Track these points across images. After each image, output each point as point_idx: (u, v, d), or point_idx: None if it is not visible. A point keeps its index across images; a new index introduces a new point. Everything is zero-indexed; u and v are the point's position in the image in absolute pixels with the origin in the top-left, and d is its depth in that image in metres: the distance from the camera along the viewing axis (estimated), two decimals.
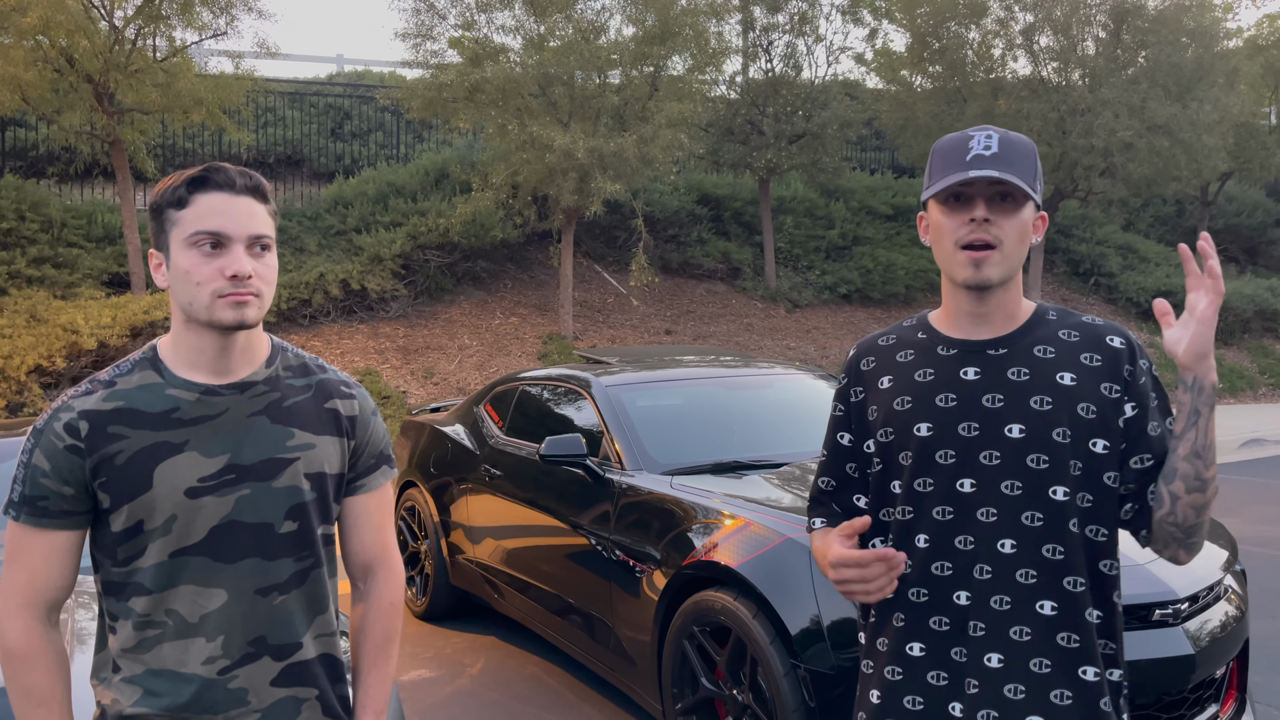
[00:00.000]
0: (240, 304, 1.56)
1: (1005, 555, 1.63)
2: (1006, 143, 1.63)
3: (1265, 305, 16.23)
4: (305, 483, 1.65)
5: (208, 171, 1.58)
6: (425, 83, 11.51)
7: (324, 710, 1.69)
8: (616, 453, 4.33)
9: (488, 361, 11.31)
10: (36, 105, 10.01)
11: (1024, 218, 1.64)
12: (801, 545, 3.28)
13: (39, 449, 1.58)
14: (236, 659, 1.60)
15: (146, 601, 1.59)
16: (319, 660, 1.69)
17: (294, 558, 1.65)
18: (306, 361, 1.74)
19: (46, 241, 10.84)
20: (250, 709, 1.62)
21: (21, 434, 3.90)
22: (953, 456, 1.66)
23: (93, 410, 1.58)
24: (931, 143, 13.98)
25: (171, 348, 1.64)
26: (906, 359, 1.76)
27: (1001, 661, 1.63)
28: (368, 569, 1.79)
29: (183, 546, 1.58)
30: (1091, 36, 13.59)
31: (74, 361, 9.28)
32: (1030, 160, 1.64)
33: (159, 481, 1.56)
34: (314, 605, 1.68)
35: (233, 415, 1.62)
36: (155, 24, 10.08)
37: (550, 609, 4.57)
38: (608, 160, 10.63)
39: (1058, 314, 1.73)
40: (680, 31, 11.36)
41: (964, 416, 1.67)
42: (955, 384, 1.69)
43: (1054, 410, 1.63)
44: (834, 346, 13.22)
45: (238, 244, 1.56)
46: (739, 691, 3.38)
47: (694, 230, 14.39)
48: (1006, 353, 1.68)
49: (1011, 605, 1.63)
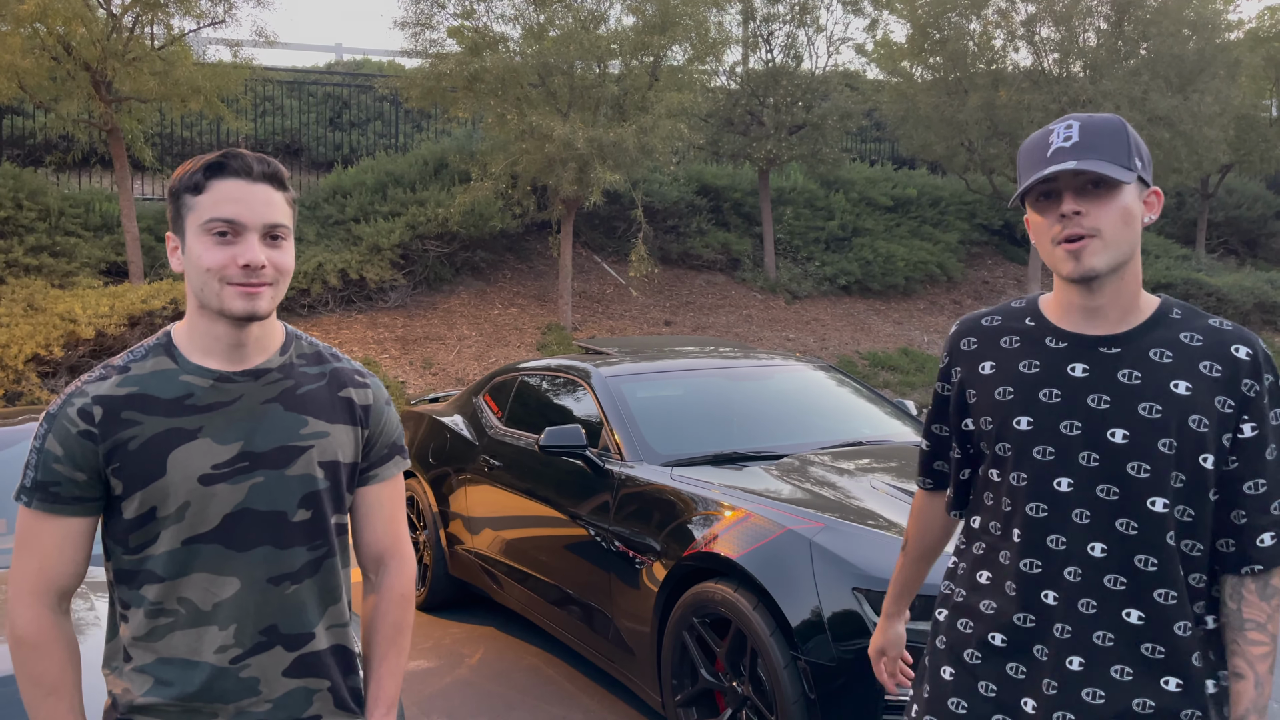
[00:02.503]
0: (252, 295, 1.54)
1: (1095, 559, 1.60)
2: (1089, 128, 1.57)
3: (1265, 298, 16.22)
4: (319, 471, 1.63)
5: (225, 157, 1.57)
6: (424, 72, 11.46)
7: (335, 702, 1.68)
8: (616, 443, 4.32)
9: (487, 352, 11.29)
10: (34, 93, 9.96)
11: (1123, 202, 1.56)
12: (802, 537, 3.27)
13: (52, 434, 1.56)
14: (248, 648, 1.59)
15: (158, 589, 1.57)
16: (331, 651, 1.67)
17: (307, 546, 1.63)
18: (320, 350, 1.73)
19: (44, 230, 10.81)
20: (261, 699, 1.60)
21: (20, 422, 3.89)
22: (1051, 454, 1.62)
23: (106, 396, 1.56)
24: (931, 133, 14.04)
25: (186, 334, 1.62)
26: (1011, 345, 1.70)
27: (1083, 665, 1.60)
28: (380, 560, 1.78)
29: (195, 534, 1.56)
30: (1093, 28, 13.56)
31: (71, 350, 9.26)
32: (1118, 140, 1.57)
33: (172, 468, 1.55)
34: (327, 595, 1.66)
35: (246, 402, 1.60)
36: (153, 12, 10.03)
37: (549, 600, 4.56)
38: (607, 150, 10.60)
39: (1183, 313, 1.64)
40: (680, 21, 11.31)
41: (1067, 415, 1.62)
42: (1061, 380, 1.63)
43: (1162, 419, 1.57)
44: (833, 338, 13.21)
45: (252, 233, 1.54)
46: (739, 683, 3.38)
47: (693, 221, 14.36)
48: (1120, 352, 1.61)
49: (1098, 610, 1.60)
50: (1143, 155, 1.60)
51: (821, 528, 3.30)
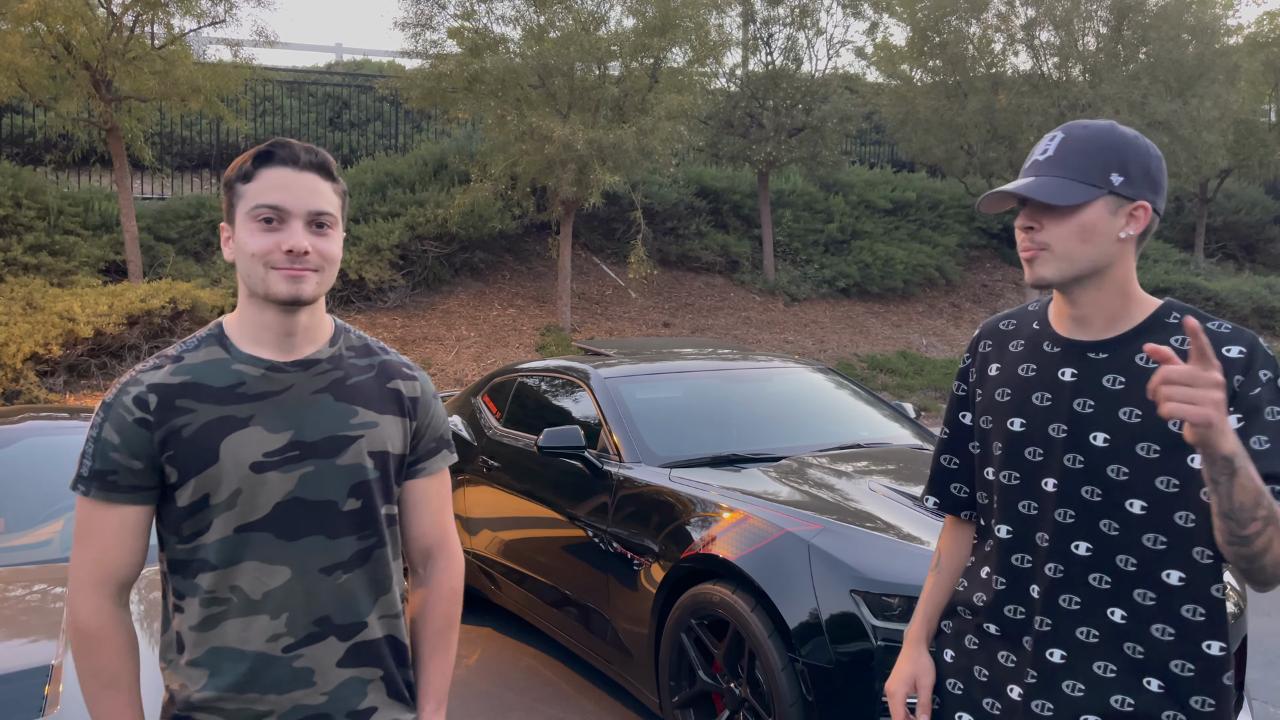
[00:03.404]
0: (296, 278, 1.56)
1: (1080, 557, 1.64)
2: (1068, 143, 1.62)
3: (1263, 303, 16.25)
4: (369, 461, 1.65)
5: (273, 146, 1.60)
6: (424, 73, 11.47)
7: (389, 692, 1.68)
8: (614, 445, 4.32)
9: (485, 353, 11.29)
10: (34, 92, 9.96)
11: (1080, 219, 1.60)
12: (800, 539, 3.27)
13: (108, 422, 1.57)
14: (301, 637, 1.60)
15: (211, 578, 1.58)
16: (385, 641, 1.68)
17: (357, 536, 1.64)
18: (369, 343, 1.75)
19: (43, 229, 10.81)
20: (316, 690, 1.60)
21: (19, 421, 3.89)
22: (1040, 455, 1.68)
23: (161, 384, 1.58)
24: (931, 137, 14.05)
25: (237, 324, 1.64)
26: (1017, 349, 1.77)
27: (1064, 658, 1.65)
28: (428, 554, 1.79)
29: (246, 522, 1.58)
30: (1092, 32, 13.57)
31: (70, 349, 9.25)
32: (1097, 155, 1.60)
33: (225, 455, 1.57)
34: (377, 585, 1.67)
35: (297, 392, 1.62)
36: (153, 11, 10.03)
37: (547, 601, 4.56)
38: (607, 152, 10.61)
39: (1181, 317, 1.64)
40: (680, 23, 11.33)
41: (1055, 418, 1.67)
42: (1052, 384, 1.69)
43: (1142, 424, 1.60)
44: (831, 340, 13.22)
45: (296, 219, 1.57)
46: (736, 685, 3.38)
47: (693, 223, 14.37)
48: (1106, 358, 1.65)
49: (1081, 606, 1.64)
50: (1128, 169, 1.61)
51: (819, 530, 3.30)
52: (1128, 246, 1.62)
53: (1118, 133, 1.62)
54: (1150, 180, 1.62)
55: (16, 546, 3.38)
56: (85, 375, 9.48)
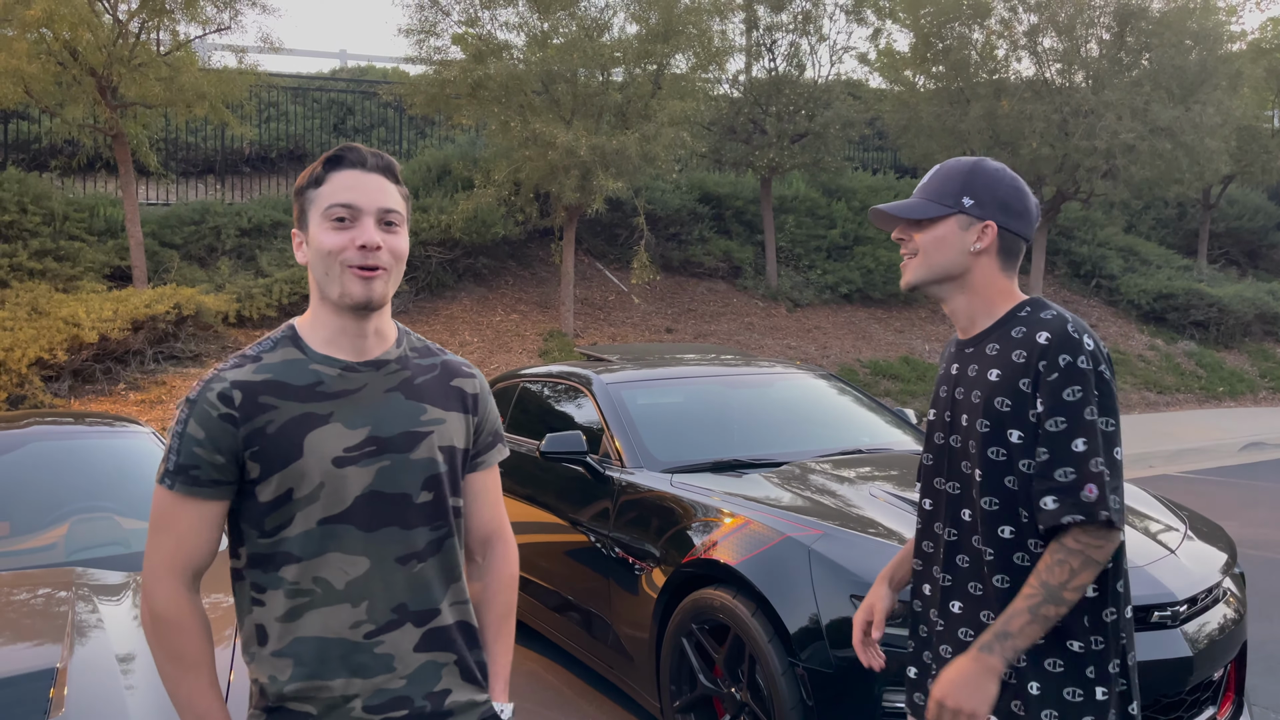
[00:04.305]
0: (368, 279, 1.64)
1: (965, 522, 1.94)
2: (936, 173, 1.97)
3: (1266, 309, 16.23)
4: (439, 455, 1.73)
5: (342, 151, 1.69)
6: (428, 79, 11.51)
7: (462, 674, 1.75)
8: (616, 450, 4.33)
9: (489, 358, 11.31)
10: (39, 98, 10.01)
11: (936, 233, 1.94)
12: (800, 544, 3.28)
13: (193, 418, 1.63)
14: (381, 625, 1.66)
15: (296, 569, 1.64)
16: (456, 626, 1.76)
17: (429, 527, 1.72)
18: (428, 344, 1.84)
19: (48, 234, 10.85)
20: (396, 675, 1.67)
21: (25, 426, 3.91)
22: (941, 438, 2.00)
23: (245, 381, 1.65)
24: (934, 143, 14.06)
25: (310, 326, 1.72)
26: (949, 351, 2.08)
27: (960, 609, 1.95)
28: (487, 542, 1.89)
29: (330, 515, 1.64)
30: (1095, 38, 13.59)
31: (75, 355, 9.29)
32: (952, 181, 1.94)
33: (309, 450, 1.63)
34: (448, 573, 1.75)
35: (370, 390, 1.70)
36: (159, 18, 10.08)
37: (549, 605, 4.58)
38: (610, 158, 10.63)
39: (1030, 312, 1.91)
40: (683, 30, 11.35)
41: (944, 405, 2.01)
42: (946, 376, 2.03)
43: (980, 403, 1.90)
44: (834, 346, 13.22)
45: (368, 216, 1.65)
46: (737, 689, 3.39)
47: (695, 228, 14.39)
48: (971, 351, 1.97)
49: (970, 564, 1.93)
50: (980, 194, 1.93)
51: (820, 535, 3.31)
52: (982, 258, 1.93)
53: (978, 165, 1.95)
54: (1000, 204, 1.93)
55: (22, 550, 3.40)
56: (90, 380, 9.51)
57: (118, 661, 2.48)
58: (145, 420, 8.04)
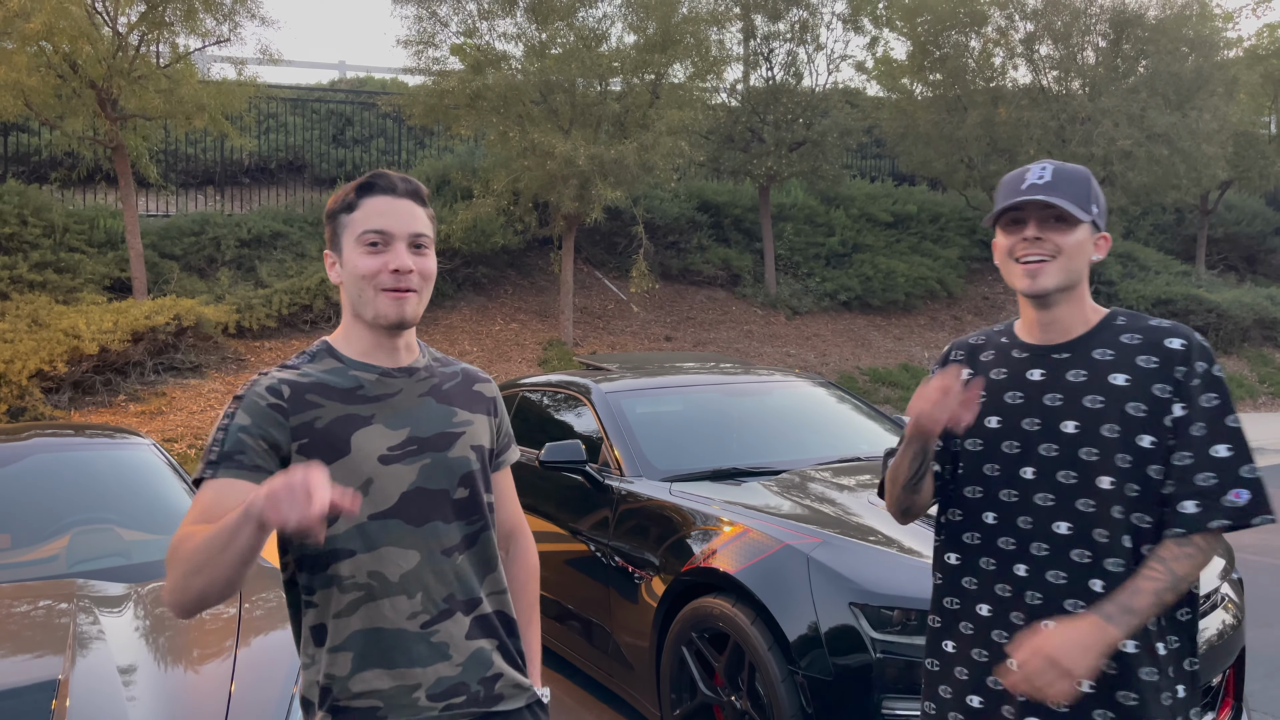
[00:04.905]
0: (400, 300, 1.72)
1: (1061, 536, 1.83)
2: (1060, 172, 1.86)
3: (1265, 314, 16.25)
4: (471, 454, 1.83)
5: (374, 178, 1.77)
6: (427, 89, 11.54)
7: (506, 660, 1.83)
8: (616, 459, 4.34)
9: (488, 367, 11.33)
10: (40, 111, 10.04)
11: (1077, 237, 1.85)
12: (799, 552, 3.29)
13: (241, 409, 1.69)
14: (436, 614, 1.74)
15: (351, 564, 1.69)
16: (495, 615, 1.83)
17: (466, 521, 1.80)
18: (445, 356, 1.95)
19: (49, 246, 10.87)
20: (452, 662, 1.74)
21: (25, 438, 3.92)
22: (1016, 447, 1.89)
23: (292, 380, 1.73)
24: (931, 150, 14.09)
25: (344, 341, 1.81)
26: (988, 359, 2.00)
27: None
28: (510, 536, 2.01)
29: (379, 510, 1.71)
30: (1091, 45, 13.63)
31: (75, 366, 9.30)
32: (1082, 186, 1.85)
33: (356, 447, 1.71)
34: (486, 564, 1.83)
35: (406, 395, 1.79)
36: (159, 30, 10.11)
37: (549, 615, 4.58)
38: (608, 167, 10.66)
39: (1128, 319, 1.90)
40: (681, 39, 11.40)
41: (1027, 413, 1.89)
42: (1022, 383, 1.92)
43: (1105, 408, 1.83)
44: (834, 353, 13.24)
45: (400, 241, 1.73)
46: (737, 698, 3.39)
47: (694, 237, 14.42)
48: (1069, 357, 1.89)
49: (1067, 580, 1.83)
50: (1099, 204, 1.91)
51: (819, 543, 3.32)
52: (1089, 268, 1.91)
53: (1089, 173, 1.89)
54: (1105, 218, 1.92)
55: (23, 562, 3.40)
56: (90, 392, 9.52)
57: (119, 673, 2.48)
58: (145, 432, 8.04)
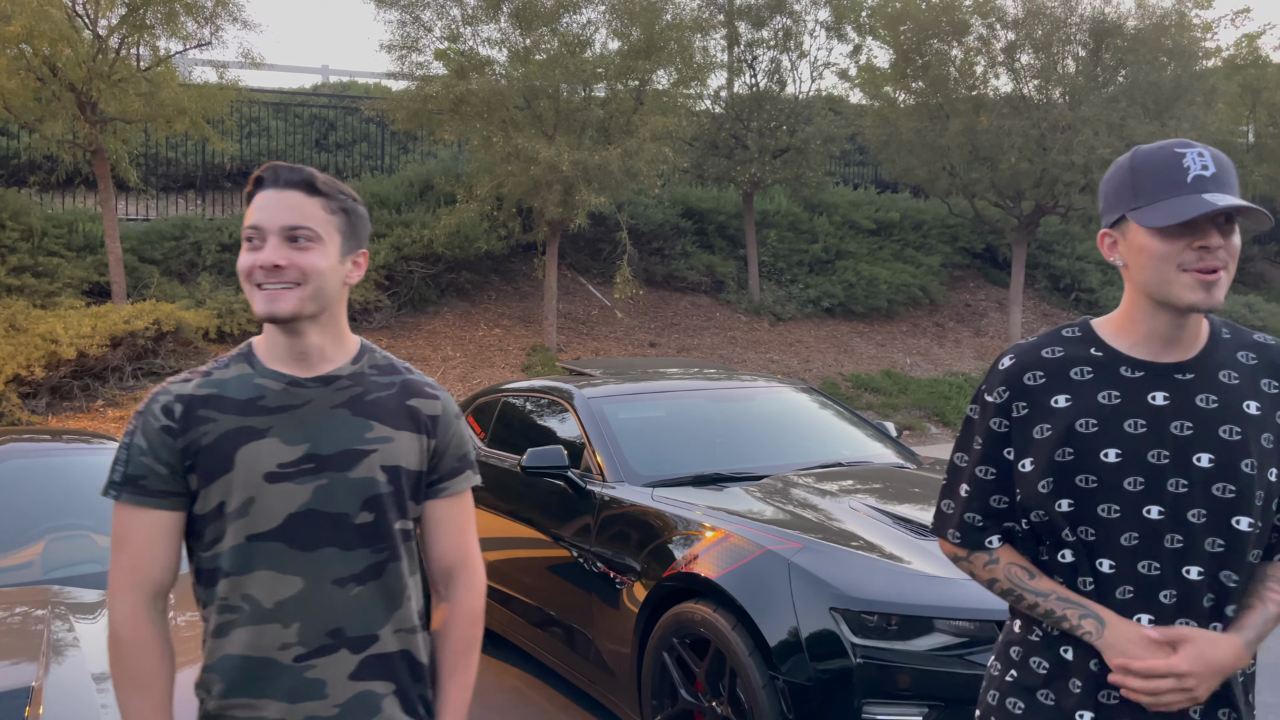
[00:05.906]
0: (272, 297, 1.62)
1: (1191, 582, 1.62)
2: (1220, 160, 1.58)
3: (1243, 322, 16.39)
4: (381, 475, 1.68)
5: (262, 172, 1.68)
6: (410, 94, 11.52)
7: (403, 707, 1.69)
8: (598, 464, 4.34)
9: (471, 373, 11.30)
10: (18, 114, 9.96)
11: (1236, 242, 1.59)
12: (780, 557, 3.29)
13: (140, 430, 1.65)
14: (313, 648, 1.62)
15: (226, 585, 1.62)
16: (399, 656, 1.69)
17: (370, 549, 1.67)
18: (394, 363, 1.81)
19: (27, 250, 10.78)
20: (329, 701, 1.62)
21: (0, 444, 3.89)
22: (1141, 484, 1.62)
23: (187, 395, 1.66)
24: (914, 158, 14.14)
25: (263, 343, 1.73)
26: (1084, 377, 1.68)
27: None
28: (449, 574, 1.79)
29: (258, 531, 1.62)
30: (1071, 55, 13.73)
31: (53, 371, 9.22)
32: (1235, 176, 1.60)
33: (239, 463, 1.62)
34: (391, 599, 1.69)
35: (316, 406, 1.67)
36: (139, 33, 10.06)
37: (531, 621, 4.57)
38: (592, 173, 10.66)
39: (1231, 332, 1.70)
40: (665, 46, 11.41)
41: (1153, 444, 1.62)
42: (1143, 409, 1.63)
43: (1243, 440, 1.61)
44: (816, 360, 13.27)
45: (271, 235, 1.63)
46: (718, 703, 3.39)
47: (678, 243, 14.43)
48: (1194, 378, 1.64)
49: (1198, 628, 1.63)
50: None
51: (800, 548, 3.32)
52: None
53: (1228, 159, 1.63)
54: None
55: None
56: (68, 397, 9.44)
57: (93, 680, 2.46)
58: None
